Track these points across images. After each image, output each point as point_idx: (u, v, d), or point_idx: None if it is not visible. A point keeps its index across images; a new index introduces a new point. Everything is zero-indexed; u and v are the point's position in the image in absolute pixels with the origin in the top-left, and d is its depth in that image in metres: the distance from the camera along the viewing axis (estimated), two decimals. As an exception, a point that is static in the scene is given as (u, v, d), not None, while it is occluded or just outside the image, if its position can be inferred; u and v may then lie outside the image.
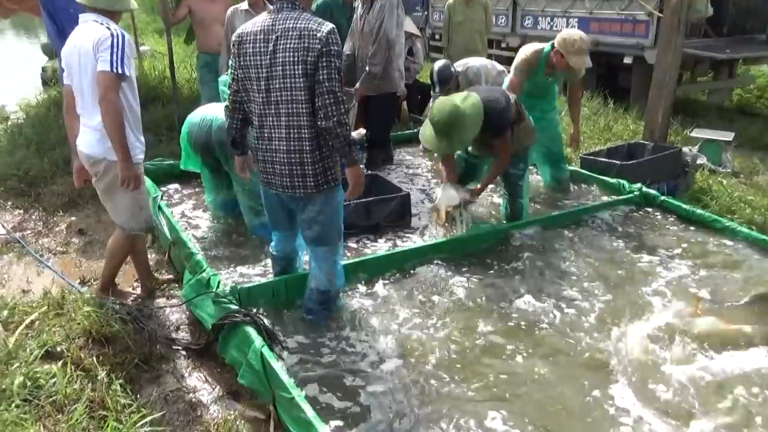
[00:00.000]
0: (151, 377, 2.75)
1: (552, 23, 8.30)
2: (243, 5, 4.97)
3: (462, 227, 3.91)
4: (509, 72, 4.63)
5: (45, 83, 9.14)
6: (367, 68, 4.99)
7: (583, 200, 4.70)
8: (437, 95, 5.91)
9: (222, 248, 3.92)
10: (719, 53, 7.15)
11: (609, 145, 5.57)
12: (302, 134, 2.68)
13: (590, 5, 7.71)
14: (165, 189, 4.78)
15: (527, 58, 4.36)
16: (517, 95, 4.18)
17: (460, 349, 2.86)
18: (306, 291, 3.06)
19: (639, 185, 4.47)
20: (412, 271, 3.52)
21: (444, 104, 3.55)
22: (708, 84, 8.14)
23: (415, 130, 6.54)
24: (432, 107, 3.67)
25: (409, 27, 6.79)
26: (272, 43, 2.62)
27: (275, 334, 2.77)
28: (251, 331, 2.64)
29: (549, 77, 4.45)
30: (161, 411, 2.50)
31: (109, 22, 2.95)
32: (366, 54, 5.01)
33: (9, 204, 4.66)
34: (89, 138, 3.00)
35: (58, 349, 2.70)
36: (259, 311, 2.95)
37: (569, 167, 4.96)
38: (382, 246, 3.94)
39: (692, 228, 4.08)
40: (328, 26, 2.61)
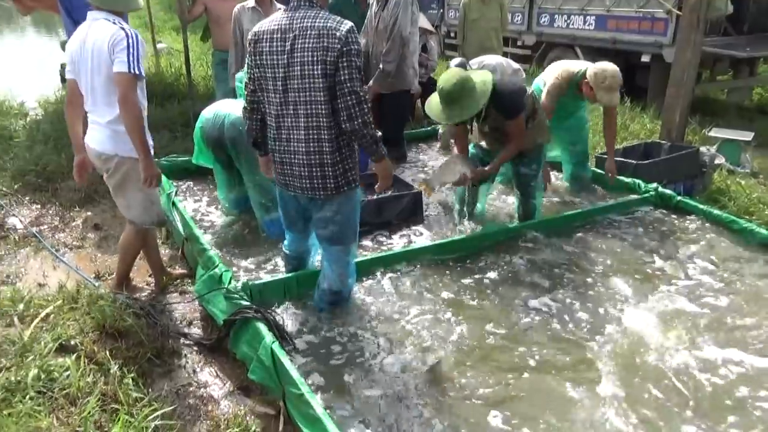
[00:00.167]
0: (163, 371, 2.77)
1: (569, 21, 8.21)
2: (249, 3, 4.99)
3: (461, 215, 4.01)
4: (526, 71, 4.60)
5: (63, 80, 9.25)
6: (381, 66, 4.99)
7: (598, 200, 4.65)
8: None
9: (234, 245, 3.95)
10: (739, 51, 7.04)
11: (625, 145, 5.51)
12: (322, 135, 2.64)
13: (608, 3, 7.63)
14: (179, 185, 4.82)
15: (559, 83, 4.24)
16: (549, 118, 4.16)
17: (470, 348, 2.85)
18: (317, 290, 3.05)
19: (655, 185, 4.42)
20: (423, 269, 3.51)
21: (453, 72, 3.46)
22: (728, 83, 8.02)
23: (429, 128, 6.54)
24: (440, 77, 3.57)
25: (423, 23, 6.77)
26: (290, 42, 2.57)
27: (286, 331, 2.78)
28: (262, 327, 2.66)
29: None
30: (172, 405, 2.53)
31: (122, 22, 2.96)
32: (380, 51, 5.01)
33: (27, 199, 4.72)
34: (99, 135, 3.02)
35: (72, 343, 2.72)
36: (270, 307, 2.96)
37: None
38: (395, 243, 3.94)
39: (709, 229, 4.02)
40: (347, 25, 2.56)
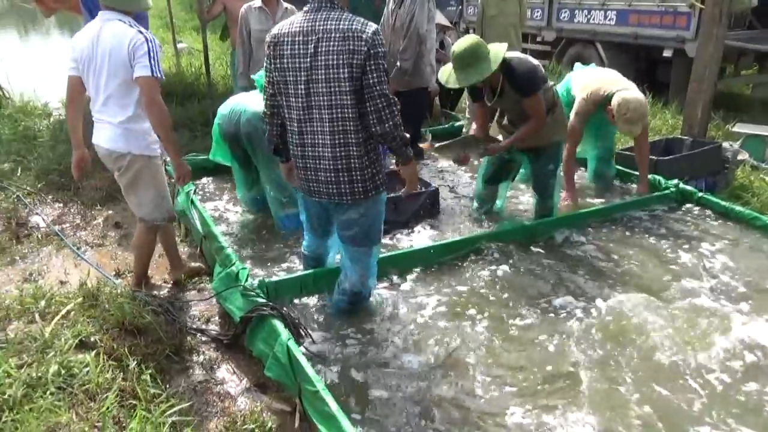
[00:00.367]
0: (181, 368, 2.80)
1: (589, 16, 8.11)
2: (256, 2, 5.00)
3: (479, 212, 4.18)
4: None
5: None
6: (398, 63, 4.98)
7: (618, 197, 4.59)
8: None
9: (251, 242, 3.97)
10: (764, 45, 6.89)
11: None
12: (349, 139, 2.59)
13: (629, -3, 7.52)
14: (198, 183, 4.87)
15: (587, 107, 4.14)
16: (577, 140, 4.14)
17: (488, 345, 2.84)
18: (336, 290, 3.02)
19: (676, 181, 4.35)
20: (440, 267, 3.50)
21: (466, 38, 3.46)
22: (752, 77, 7.88)
23: (447, 126, 6.51)
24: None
25: (440, 20, 6.73)
26: (313, 45, 2.49)
27: (302, 328, 2.78)
28: (278, 325, 2.66)
29: None
30: (190, 401, 2.55)
31: (137, 25, 2.99)
32: (396, 49, 4.99)
33: (50, 198, 4.81)
34: (110, 134, 3.05)
35: (92, 339, 2.76)
36: (287, 305, 2.98)
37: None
38: (411, 241, 3.93)
39: (731, 226, 3.95)
40: (373, 26, 2.51)
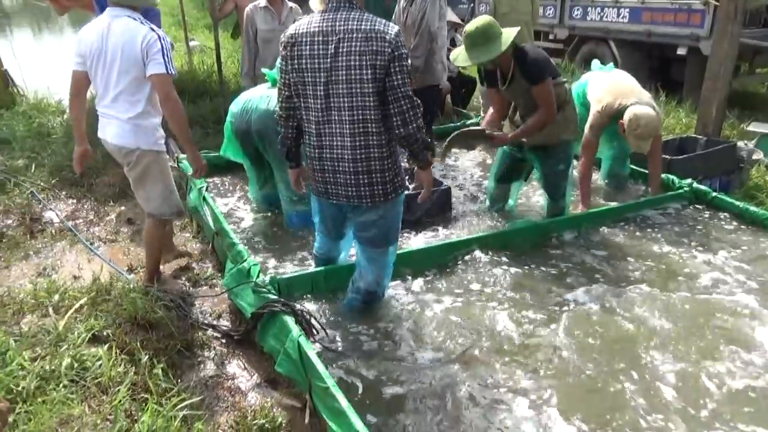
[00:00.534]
0: (192, 363, 2.82)
1: (602, 14, 8.05)
2: (261, 2, 5.01)
3: (491, 211, 4.19)
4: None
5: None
6: (409, 61, 4.96)
7: (632, 196, 4.55)
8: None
9: (262, 239, 3.99)
10: (780, 43, 6.81)
11: (659, 139, 5.38)
12: (370, 141, 2.55)
13: (643, -6, 7.46)
14: (210, 180, 4.89)
15: (602, 120, 4.08)
16: (593, 153, 4.13)
17: (500, 344, 2.83)
18: (350, 288, 3.01)
19: (690, 181, 4.31)
20: (452, 265, 3.49)
21: (479, 18, 3.45)
22: (768, 76, 7.79)
23: (458, 124, 6.49)
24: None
25: (452, 17, 6.72)
26: (333, 45, 2.45)
27: (313, 324, 2.79)
28: (289, 321, 2.67)
29: None
30: (200, 395, 2.57)
31: (148, 23, 3.01)
32: (408, 47, 4.99)
33: (63, 194, 4.85)
34: (119, 129, 3.07)
35: (105, 333, 2.79)
36: (298, 301, 2.98)
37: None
38: (422, 239, 3.93)
39: (745, 226, 3.91)
40: (395, 27, 2.49)
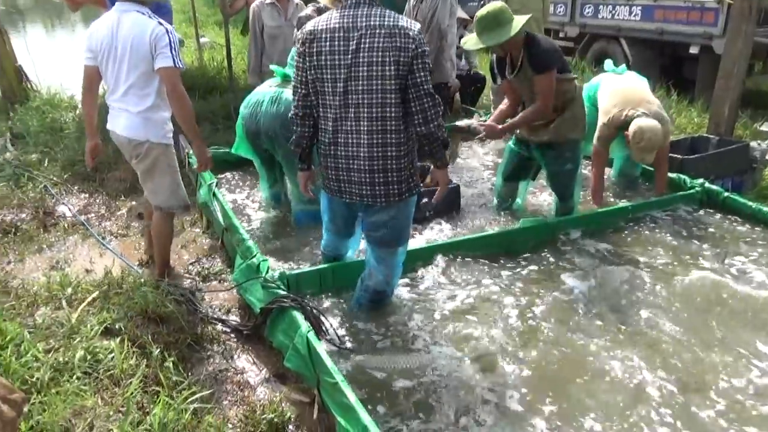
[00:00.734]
0: (202, 357, 2.85)
1: (614, 11, 8.00)
2: None
3: (499, 209, 4.27)
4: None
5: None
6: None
7: (642, 196, 4.53)
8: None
9: (272, 235, 4.02)
10: (795, 42, 6.73)
11: (670, 139, 5.35)
12: (388, 139, 2.54)
13: (655, -8, 7.41)
14: (220, 176, 4.91)
15: (609, 131, 4.06)
16: (603, 162, 4.13)
17: (509, 341, 2.84)
18: (359, 286, 3.02)
19: (701, 181, 4.28)
20: (460, 262, 3.50)
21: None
22: (782, 75, 7.70)
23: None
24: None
25: (460, 14, 6.70)
26: (354, 41, 2.44)
27: (321, 320, 2.80)
28: (298, 316, 2.68)
29: None
30: (210, 389, 2.59)
31: (156, 17, 3.04)
32: (419, 44, 4.98)
33: (75, 188, 4.89)
34: (129, 122, 3.10)
35: (117, 326, 2.81)
36: (306, 297, 3.00)
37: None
38: (431, 236, 3.94)
39: (757, 227, 3.88)
40: (417, 24, 2.49)
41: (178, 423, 2.24)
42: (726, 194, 4.15)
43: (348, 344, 2.81)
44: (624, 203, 4.31)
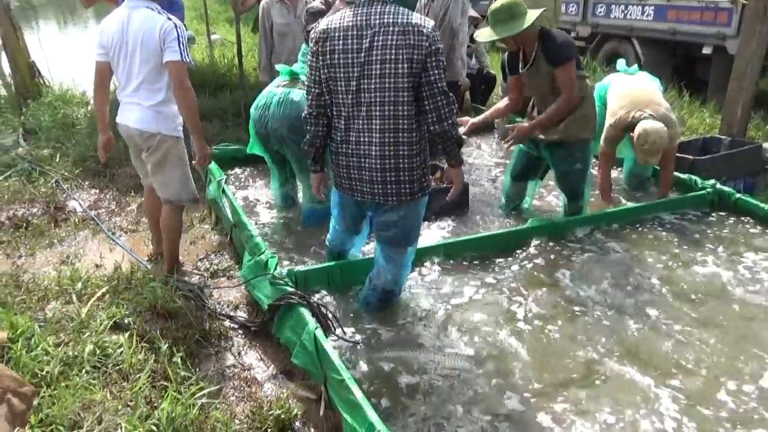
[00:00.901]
0: (210, 353, 2.86)
1: (626, 11, 7.94)
2: None
3: (506, 209, 4.29)
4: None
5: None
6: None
7: (652, 197, 4.50)
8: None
9: (280, 232, 4.03)
10: (810, 43, 6.66)
11: (682, 139, 5.31)
12: (400, 138, 2.52)
13: (668, -8, 7.35)
14: (230, 173, 4.93)
15: (615, 132, 4.06)
16: (610, 163, 4.12)
17: (517, 339, 2.83)
18: (367, 285, 3.01)
19: (713, 182, 4.25)
20: (468, 261, 3.49)
21: None
22: (796, 76, 7.61)
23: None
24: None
25: (471, 12, 6.68)
26: (368, 39, 2.43)
27: (329, 317, 2.80)
28: (306, 313, 2.69)
29: None
30: (218, 385, 2.61)
31: (165, 12, 3.07)
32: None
33: (86, 184, 4.93)
34: (141, 115, 3.14)
35: (126, 321, 2.83)
36: (314, 294, 3.00)
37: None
38: (439, 235, 3.93)
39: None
40: (431, 21, 2.47)
41: (186, 418, 2.24)
42: (738, 196, 4.11)
43: (355, 341, 2.81)
44: (634, 204, 4.28)
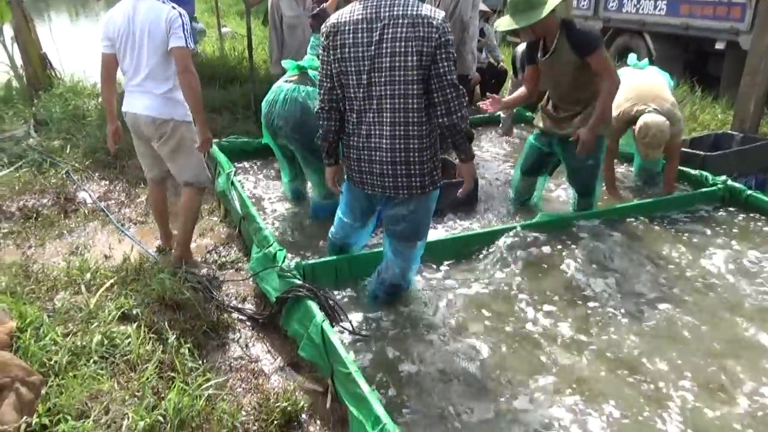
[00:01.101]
0: (217, 344, 2.87)
1: (638, 6, 7.86)
2: None
3: (515, 204, 4.30)
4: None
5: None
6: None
7: (662, 192, 4.46)
8: (520, 82, 5.75)
9: (289, 225, 4.03)
10: (825, 39, 6.56)
11: (693, 135, 5.26)
12: (410, 132, 2.51)
13: (681, -14, 7.27)
14: (239, 166, 4.94)
15: (618, 124, 4.05)
16: (613, 156, 4.11)
17: (525, 333, 2.82)
18: (375, 279, 3.02)
19: (724, 178, 4.20)
20: (476, 255, 3.48)
21: None
22: (810, 72, 7.51)
23: (487, 115, 6.42)
24: None
25: (482, 6, 6.64)
26: (378, 32, 2.41)
27: (336, 310, 2.80)
28: (313, 306, 2.69)
29: None
30: (225, 376, 2.62)
31: (169, 1, 3.12)
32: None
33: (96, 175, 4.96)
34: (153, 102, 3.19)
35: (134, 312, 2.85)
36: (322, 287, 3.00)
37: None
38: (447, 229, 3.93)
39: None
40: (441, 13, 2.44)
41: (193, 409, 2.25)
42: (749, 192, 4.07)
43: (362, 334, 2.81)
44: (644, 199, 4.25)
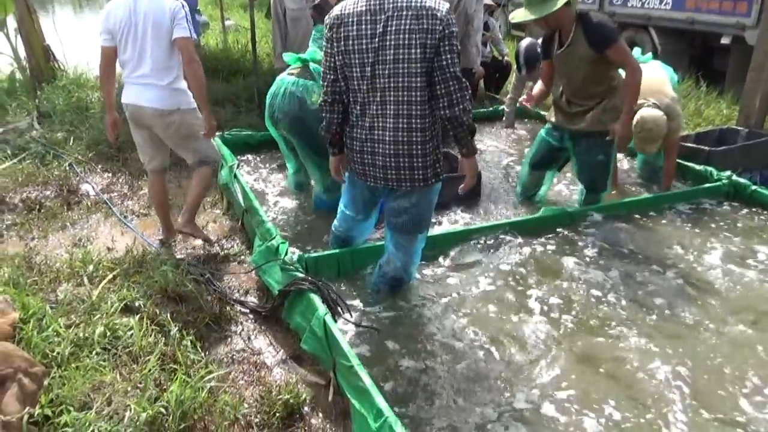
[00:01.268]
0: (220, 337, 2.87)
1: (644, 0, 7.82)
2: None
3: (521, 197, 4.30)
4: None
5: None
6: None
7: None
8: (523, 77, 5.74)
9: (291, 218, 4.03)
10: (832, 34, 6.51)
11: (698, 130, 5.24)
12: (413, 124, 2.50)
13: (687, -19, 7.21)
14: (242, 159, 4.93)
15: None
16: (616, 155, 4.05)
17: (527, 327, 2.82)
18: (377, 272, 3.02)
19: (728, 173, 4.18)
20: (480, 249, 3.47)
21: None
22: (817, 68, 7.46)
23: (491, 109, 6.41)
24: None
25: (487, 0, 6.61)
26: (381, 24, 2.40)
27: (339, 303, 2.79)
28: (316, 299, 2.69)
29: None
30: (227, 369, 2.62)
31: None
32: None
33: (99, 167, 4.95)
34: (158, 94, 3.23)
35: (136, 304, 2.85)
36: (324, 280, 3.00)
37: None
38: (451, 223, 3.92)
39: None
40: (445, 5, 2.41)
41: (195, 401, 2.26)
42: (754, 187, 4.05)
43: (364, 327, 2.81)
44: (648, 194, 4.24)
